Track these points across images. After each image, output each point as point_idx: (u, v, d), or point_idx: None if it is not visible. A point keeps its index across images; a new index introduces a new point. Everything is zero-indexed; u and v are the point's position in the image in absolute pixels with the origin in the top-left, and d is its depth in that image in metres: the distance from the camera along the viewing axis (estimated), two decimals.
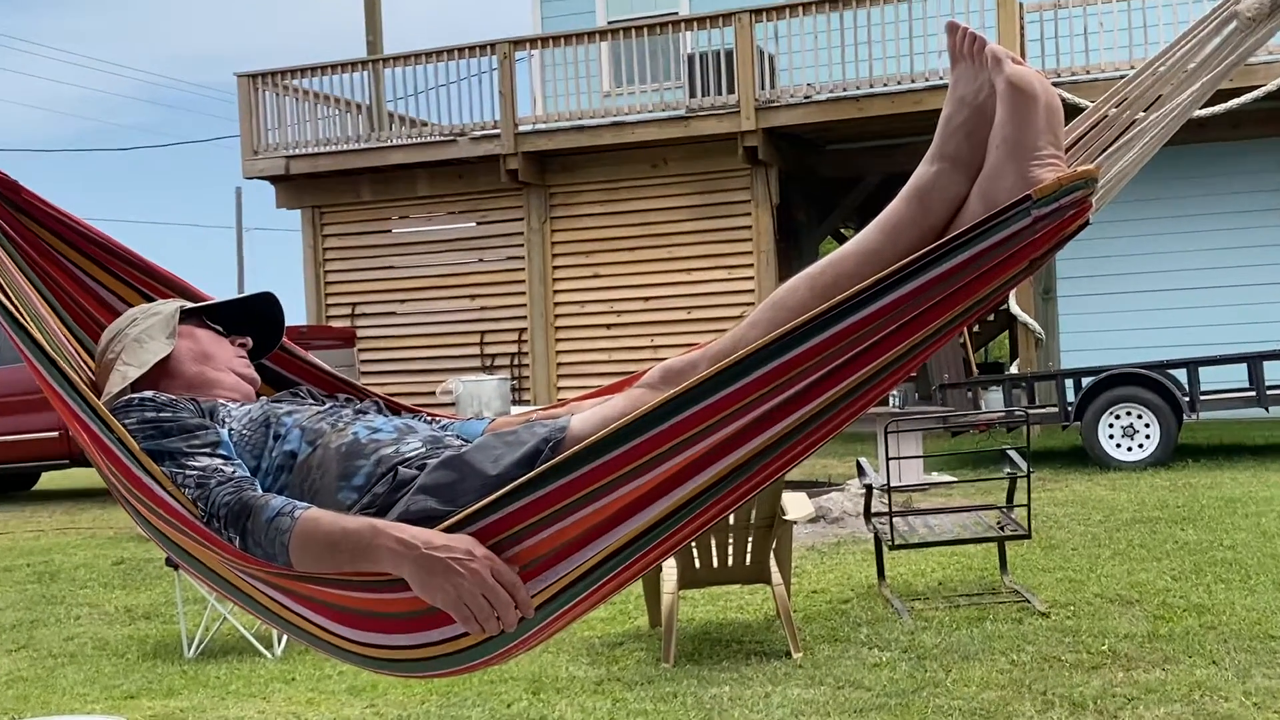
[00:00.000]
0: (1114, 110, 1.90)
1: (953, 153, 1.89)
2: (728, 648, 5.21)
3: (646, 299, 13.83)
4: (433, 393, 12.67)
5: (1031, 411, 9.85)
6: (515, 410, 11.65)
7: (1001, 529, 5.94)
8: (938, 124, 1.93)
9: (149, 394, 2.05)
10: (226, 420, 2.05)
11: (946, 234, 1.82)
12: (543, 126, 13.88)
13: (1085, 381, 10.42)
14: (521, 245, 14.32)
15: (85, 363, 2.26)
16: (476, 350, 14.52)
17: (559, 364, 14.24)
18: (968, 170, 1.87)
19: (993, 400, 11.89)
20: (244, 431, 2.04)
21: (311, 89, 14.85)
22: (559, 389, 14.11)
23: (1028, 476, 5.79)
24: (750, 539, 5.16)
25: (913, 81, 12.47)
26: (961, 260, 1.74)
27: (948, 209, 1.88)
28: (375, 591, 1.83)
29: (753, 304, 13.06)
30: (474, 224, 14.66)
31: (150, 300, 2.31)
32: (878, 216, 1.92)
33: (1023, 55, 10.12)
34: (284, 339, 2.37)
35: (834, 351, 1.77)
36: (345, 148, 14.62)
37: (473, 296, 14.57)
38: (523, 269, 14.31)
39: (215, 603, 5.60)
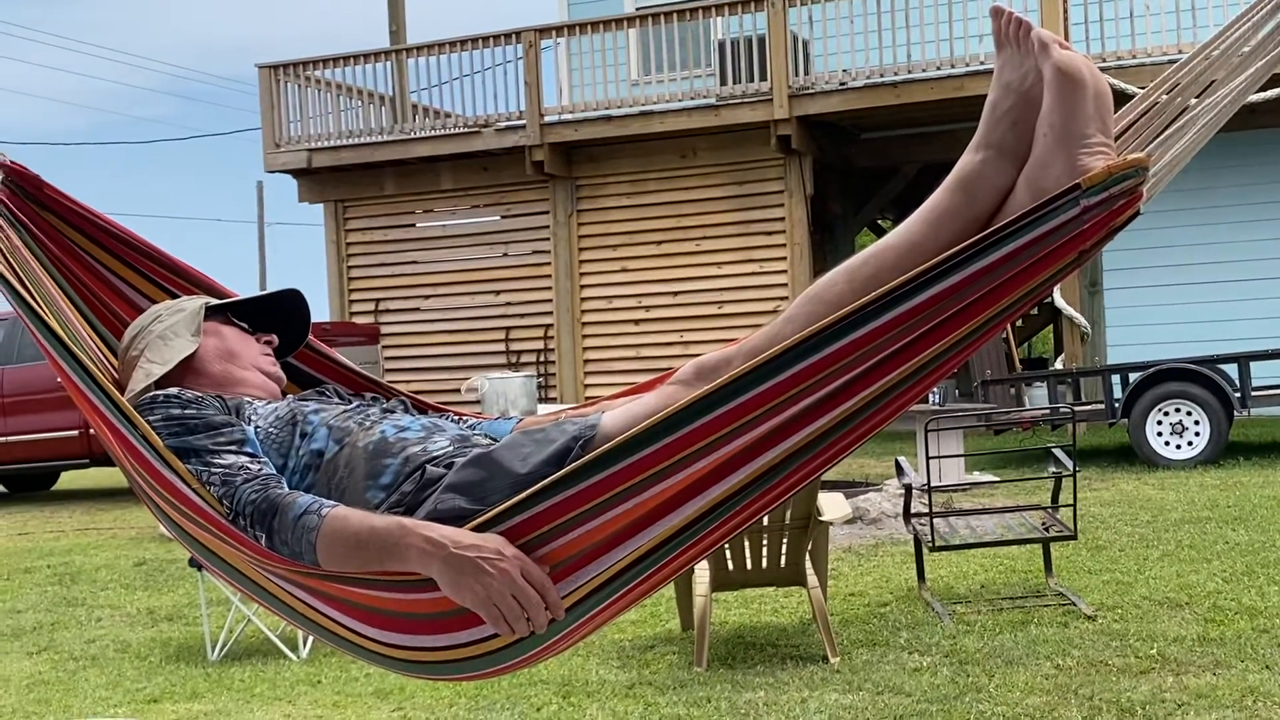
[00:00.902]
0: (1165, 97, 1.89)
1: (998, 141, 1.88)
2: (762, 652, 5.21)
3: (676, 294, 13.82)
4: (457, 390, 12.71)
5: (1077, 408, 9.78)
6: (542, 409, 11.67)
7: (1046, 530, 5.91)
8: (982, 111, 1.92)
9: (174, 391, 2.07)
10: (253, 418, 2.07)
11: (991, 225, 1.82)
12: (569, 117, 13.89)
13: (1133, 377, 10.35)
14: (547, 239, 14.35)
15: (109, 360, 2.28)
16: (502, 347, 14.56)
17: (586, 361, 14.26)
18: (1014, 159, 1.87)
19: (1037, 397, 11.83)
20: (270, 430, 2.06)
21: (334, 80, 14.93)
22: (586, 386, 14.14)
23: (1073, 475, 5.76)
24: (785, 540, 5.16)
25: (953, 66, 12.40)
26: (1007, 252, 1.74)
27: (993, 199, 1.87)
28: (403, 591, 1.85)
29: (786, 298, 13.07)
30: (499, 217, 14.71)
31: (174, 297, 2.34)
32: (920, 207, 1.92)
33: (1066, 39, 10.05)
34: (310, 337, 2.39)
35: (873, 347, 1.77)
36: (368, 140, 14.69)
37: (498, 292, 14.62)
38: (549, 263, 14.34)
39: (239, 604, 5.64)
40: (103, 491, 13.33)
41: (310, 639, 5.55)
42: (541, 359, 14.43)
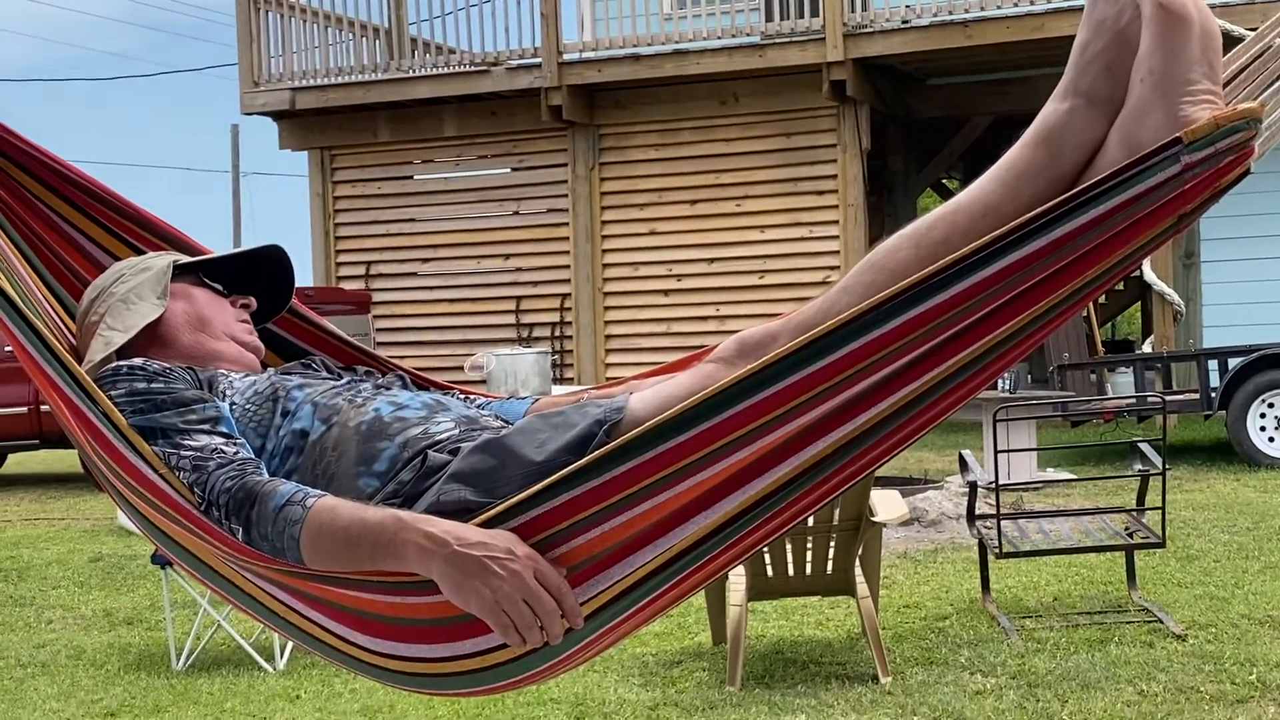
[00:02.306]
0: None
1: (1088, 88, 1.87)
2: (804, 669, 5.22)
3: (711, 260, 13.81)
4: (460, 368, 12.74)
5: (1167, 398, 9.73)
6: (557, 390, 11.69)
7: (1130, 536, 5.90)
8: (1070, 55, 1.91)
9: (139, 362, 2.08)
10: (227, 393, 2.08)
11: (1079, 184, 1.81)
12: (591, 55, 13.86)
13: (1232, 363, 10.30)
14: (565, 195, 14.35)
15: (65, 325, 2.30)
16: (511, 319, 14.59)
17: (607, 336, 14.28)
18: (1106, 109, 1.86)
19: (1121, 384, 11.76)
20: (247, 406, 2.06)
21: (322, 9, 14.93)
22: (607, 365, 14.16)
23: (1162, 474, 5.74)
24: (832, 543, 5.16)
25: (1032, 3, 12.32)
26: (1097, 215, 1.73)
27: (1081, 154, 1.86)
28: (399, 594, 1.85)
29: (837, 268, 13.05)
30: (509, 170, 14.71)
31: (140, 254, 2.34)
32: (996, 164, 1.91)
33: None
34: (293, 300, 2.40)
35: (941, 324, 1.77)
36: (360, 79, 14.70)
37: (507, 256, 14.63)
38: (566, 224, 14.34)
39: (208, 607, 5.68)
40: (54, 477, 13.43)
41: (288, 648, 5.59)
42: (557, 333, 14.46)
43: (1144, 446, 6.16)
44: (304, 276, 15.31)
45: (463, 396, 2.28)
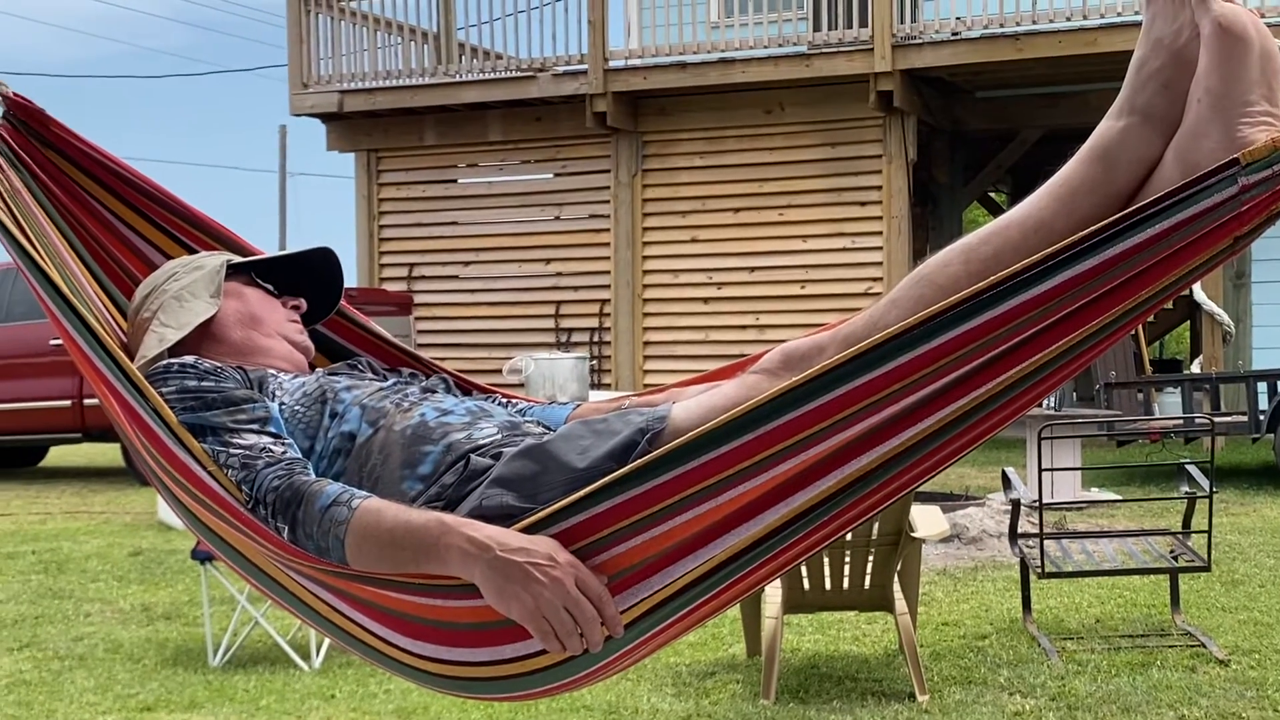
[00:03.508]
0: None
1: (1144, 106, 1.87)
2: (839, 685, 5.21)
3: (752, 269, 13.80)
4: (498, 371, 12.78)
5: (1215, 419, 9.65)
6: (594, 395, 11.70)
7: (1175, 558, 5.86)
8: (1127, 71, 1.91)
9: (190, 359, 2.11)
10: (277, 393, 2.10)
11: (1134, 203, 1.81)
12: (637, 62, 13.89)
13: None
14: (608, 201, 14.38)
15: (117, 321, 2.33)
16: (551, 323, 14.62)
17: (646, 343, 14.29)
18: (1162, 127, 1.85)
19: (1168, 404, 11.68)
20: (296, 407, 2.09)
21: (372, 13, 15.03)
22: (645, 372, 14.17)
23: (1209, 497, 5.69)
24: (871, 558, 5.14)
25: (1085, 17, 12.25)
26: (1151, 235, 1.72)
27: (1136, 173, 1.86)
28: (441, 597, 1.87)
29: (880, 279, 13.02)
30: (552, 175, 14.75)
31: (192, 252, 2.37)
32: (1049, 180, 1.91)
33: None
34: (342, 302, 2.43)
35: (989, 341, 1.77)
36: (408, 82, 14.78)
37: (548, 260, 14.67)
38: (608, 229, 14.37)
39: (246, 603, 5.72)
40: (96, 470, 13.56)
41: (324, 646, 5.62)
42: (595, 339, 14.48)
43: (1190, 468, 6.11)
44: (348, 277, 15.27)
45: (504, 401, 2.29)
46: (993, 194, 18.31)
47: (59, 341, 2.18)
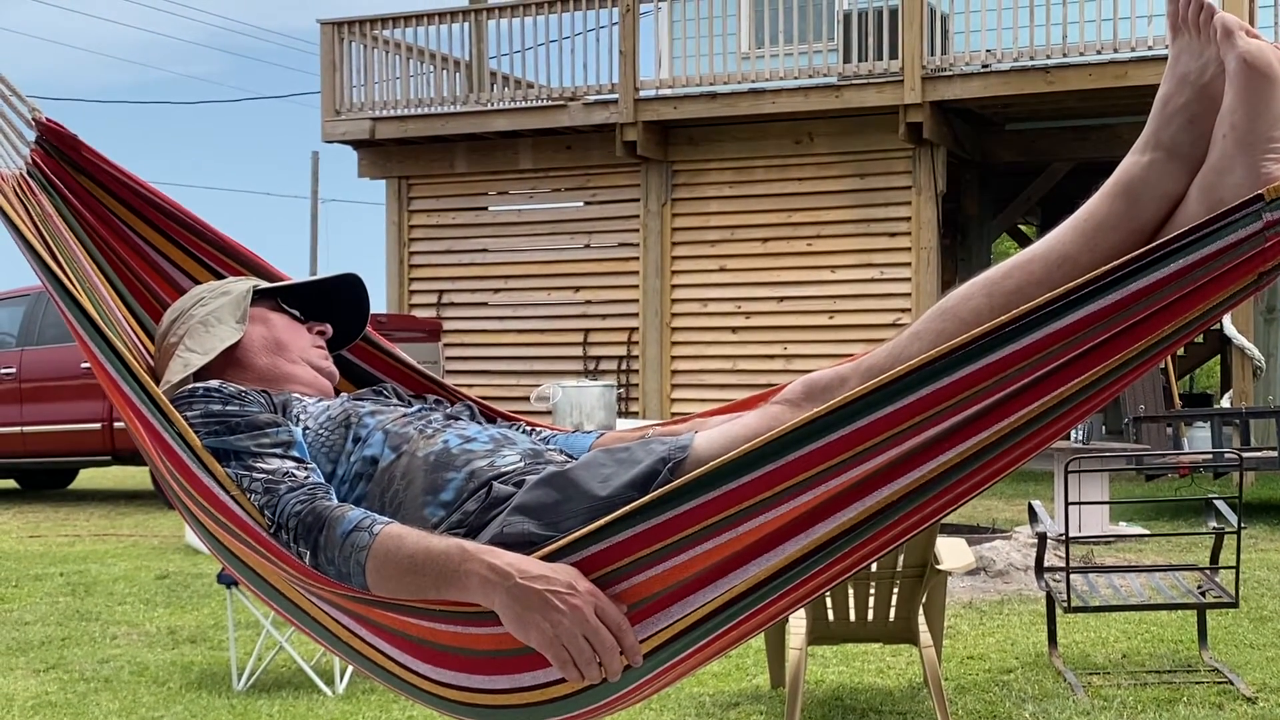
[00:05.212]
0: None
1: (1169, 141, 1.87)
2: (863, 717, 5.18)
3: (780, 299, 13.81)
4: (526, 398, 12.80)
5: (1245, 454, 9.58)
6: (621, 423, 11.70)
7: (1202, 594, 5.81)
8: (1152, 106, 1.91)
9: (215, 384, 2.12)
10: (301, 417, 2.12)
11: (1158, 238, 1.80)
12: (668, 92, 13.94)
13: None
14: (637, 230, 14.41)
15: (144, 345, 2.34)
16: (579, 351, 14.65)
17: (674, 371, 14.29)
18: (1187, 163, 1.85)
19: (1198, 439, 11.61)
20: (320, 432, 2.10)
21: (404, 41, 15.14)
22: (672, 400, 14.17)
23: (1238, 533, 5.65)
24: (895, 590, 5.12)
25: (1115, 50, 12.24)
26: (1175, 270, 1.72)
27: (1161, 208, 1.86)
28: (461, 624, 1.87)
29: (908, 310, 12.99)
30: (582, 203, 14.80)
31: (220, 278, 2.39)
32: (1074, 214, 1.91)
33: (1252, 25, 9.89)
34: (368, 329, 2.44)
35: (1013, 374, 1.77)
36: (439, 110, 14.87)
37: (577, 288, 14.71)
38: (637, 258, 14.40)
39: (271, 628, 5.73)
40: (124, 494, 13.62)
41: (348, 672, 5.63)
42: (623, 367, 14.49)
43: (1219, 503, 6.07)
44: (378, 303, 15.41)
45: (528, 429, 2.30)
46: (1022, 226, 18.28)
47: (89, 365, 2.20)
